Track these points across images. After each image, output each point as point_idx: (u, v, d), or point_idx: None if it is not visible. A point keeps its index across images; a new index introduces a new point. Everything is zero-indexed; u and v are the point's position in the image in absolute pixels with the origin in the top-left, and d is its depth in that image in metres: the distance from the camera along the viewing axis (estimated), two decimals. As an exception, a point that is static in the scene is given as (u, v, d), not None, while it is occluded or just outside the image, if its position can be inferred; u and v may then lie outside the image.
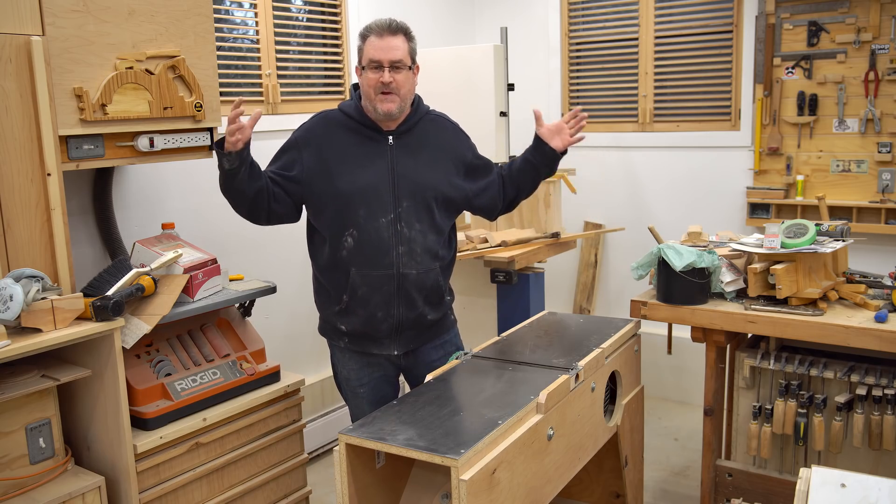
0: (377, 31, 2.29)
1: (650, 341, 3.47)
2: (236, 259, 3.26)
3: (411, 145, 2.38)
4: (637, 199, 4.27)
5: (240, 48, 3.40)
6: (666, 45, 4.12)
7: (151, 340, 2.50)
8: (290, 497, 2.79)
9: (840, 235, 2.64)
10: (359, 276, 2.34)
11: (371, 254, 2.32)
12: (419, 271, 2.36)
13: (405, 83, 2.30)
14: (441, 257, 2.43)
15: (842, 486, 1.63)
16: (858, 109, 3.58)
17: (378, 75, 2.27)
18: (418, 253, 2.35)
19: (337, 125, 2.39)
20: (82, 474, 2.25)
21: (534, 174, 2.51)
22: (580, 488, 2.82)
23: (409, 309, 2.38)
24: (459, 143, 2.49)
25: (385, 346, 2.42)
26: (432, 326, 2.48)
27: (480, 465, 1.71)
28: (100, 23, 2.26)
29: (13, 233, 2.11)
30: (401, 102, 2.30)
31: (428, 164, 2.38)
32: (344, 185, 2.32)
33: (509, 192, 2.55)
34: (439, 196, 2.38)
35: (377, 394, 2.50)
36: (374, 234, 2.31)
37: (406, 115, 2.39)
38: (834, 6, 3.58)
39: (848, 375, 2.44)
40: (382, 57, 2.26)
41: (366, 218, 2.31)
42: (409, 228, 2.33)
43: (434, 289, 2.42)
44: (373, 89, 2.28)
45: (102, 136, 2.31)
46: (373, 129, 2.36)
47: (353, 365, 2.50)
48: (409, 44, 2.32)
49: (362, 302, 2.36)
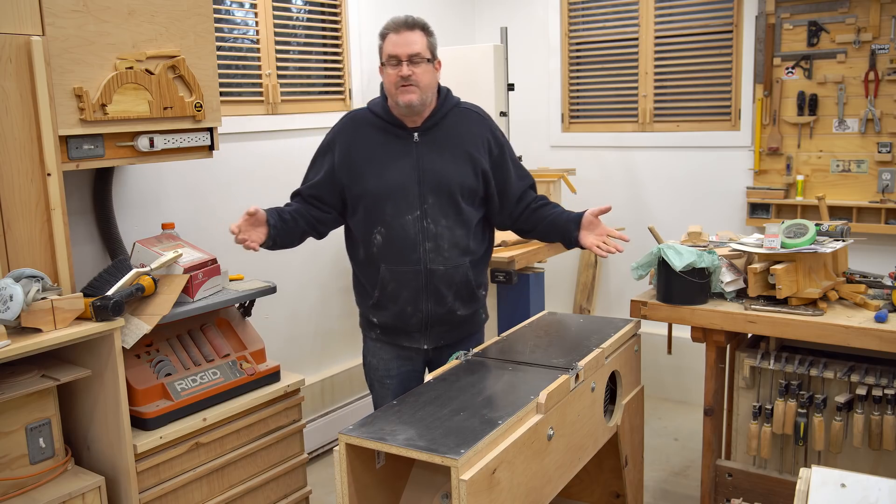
0: (394, 27, 2.34)
1: (650, 341, 3.47)
2: (236, 259, 3.26)
3: (437, 141, 2.41)
4: (637, 199, 4.27)
5: (240, 48, 3.40)
6: (666, 45, 4.12)
7: (151, 340, 2.50)
8: (290, 497, 2.79)
9: (840, 235, 2.64)
10: (388, 272, 2.40)
11: (399, 250, 2.38)
12: (447, 267, 2.40)
13: (424, 76, 2.34)
14: (471, 251, 2.45)
15: (842, 486, 1.63)
16: (858, 109, 3.58)
17: (397, 70, 2.32)
18: (445, 248, 2.39)
19: (365, 124, 2.45)
20: (82, 474, 2.25)
21: (553, 235, 2.53)
22: (580, 488, 2.82)
23: (438, 304, 2.42)
24: (488, 134, 2.47)
25: (415, 339, 2.49)
26: (463, 323, 2.52)
27: (480, 465, 1.71)
28: (100, 23, 2.26)
29: (13, 233, 2.11)
30: (421, 94, 2.33)
31: (453, 158, 2.40)
32: (371, 183, 2.38)
33: (524, 225, 2.55)
34: (465, 189, 2.40)
35: (404, 388, 2.53)
36: (400, 230, 2.37)
37: (431, 111, 2.41)
38: (834, 6, 3.58)
39: (848, 375, 2.44)
40: (400, 51, 2.31)
41: (392, 215, 2.37)
42: (436, 224, 2.38)
43: (464, 284, 2.45)
44: (393, 84, 2.33)
45: (102, 136, 2.31)
46: (399, 126, 2.41)
47: (383, 355, 2.55)
48: (427, 38, 2.36)
49: (392, 297, 2.43)
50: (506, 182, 2.49)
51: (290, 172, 3.52)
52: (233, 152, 3.24)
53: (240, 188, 3.31)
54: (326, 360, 3.81)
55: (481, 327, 2.62)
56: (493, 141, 2.48)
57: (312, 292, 3.69)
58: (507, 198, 2.50)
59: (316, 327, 3.73)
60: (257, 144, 3.39)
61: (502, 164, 2.48)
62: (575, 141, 4.47)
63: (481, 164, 2.43)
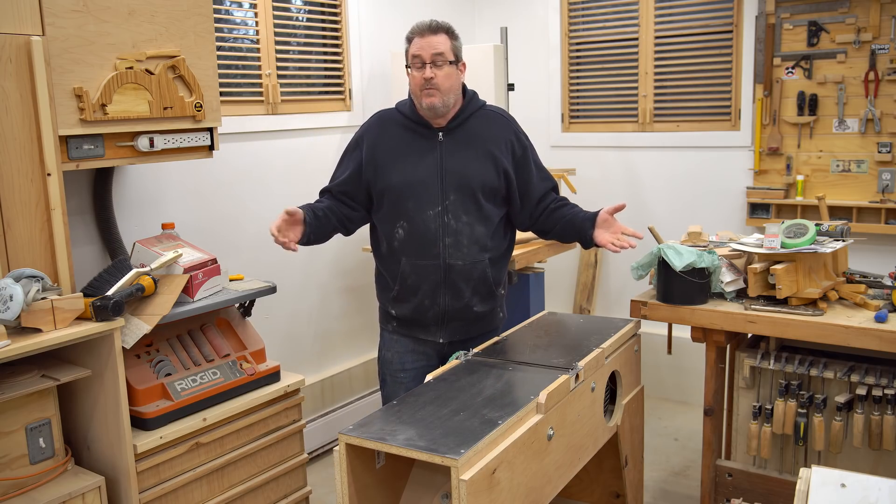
0: (419, 31, 2.41)
1: (650, 341, 3.48)
2: (236, 259, 3.26)
3: (461, 140, 2.45)
4: (637, 199, 4.27)
5: (240, 48, 3.40)
6: (666, 45, 4.12)
7: (151, 340, 2.50)
8: (290, 497, 2.79)
9: (840, 235, 2.64)
10: (408, 266, 2.46)
11: (419, 244, 2.43)
12: (465, 263, 2.44)
13: (447, 79, 2.39)
14: (491, 249, 2.49)
15: (842, 486, 1.63)
16: (858, 109, 3.58)
17: (421, 72, 2.38)
18: (465, 244, 2.43)
19: (392, 123, 2.52)
20: (82, 474, 2.25)
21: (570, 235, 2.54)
22: (580, 488, 2.82)
23: (455, 299, 2.46)
24: (511, 136, 2.50)
25: (432, 332, 2.53)
26: (480, 319, 2.55)
27: (480, 465, 1.71)
28: (100, 23, 2.26)
29: (13, 233, 2.11)
30: (442, 97, 2.38)
31: (476, 157, 2.44)
32: (395, 179, 2.45)
33: (542, 226, 2.57)
34: (486, 187, 2.44)
35: (416, 383, 2.54)
36: (421, 225, 2.42)
37: (456, 112, 2.46)
38: (834, 6, 3.58)
39: (848, 375, 2.44)
40: (423, 53, 2.38)
41: (414, 210, 2.43)
42: (457, 220, 2.42)
43: (482, 280, 2.48)
44: (418, 87, 2.39)
45: (102, 136, 2.31)
46: (425, 126, 2.47)
47: (398, 349, 2.59)
48: (451, 41, 2.42)
49: (412, 289, 2.48)
50: (528, 183, 2.52)
51: (290, 172, 3.52)
52: (233, 152, 3.24)
53: (240, 188, 3.31)
54: (326, 360, 3.81)
55: (498, 326, 2.65)
56: (517, 143, 2.51)
57: (312, 292, 3.69)
58: (528, 199, 2.53)
59: (316, 327, 3.73)
60: (257, 144, 3.39)
61: (525, 165, 2.51)
62: (575, 141, 4.47)
63: (503, 164, 2.46)
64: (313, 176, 3.59)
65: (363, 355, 3.96)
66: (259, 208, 3.37)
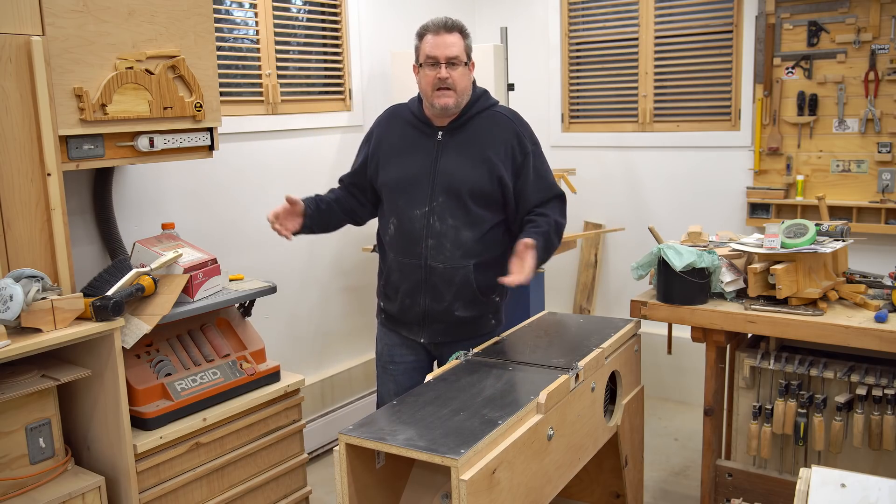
0: (434, 29, 2.38)
1: (650, 341, 3.48)
2: (236, 259, 3.26)
3: (459, 142, 2.44)
4: (637, 199, 4.27)
5: (240, 48, 3.40)
6: (666, 45, 4.12)
7: (151, 340, 2.50)
8: (290, 497, 2.79)
9: (840, 235, 2.64)
10: (395, 263, 2.49)
11: (405, 243, 2.44)
12: (447, 266, 2.41)
13: (461, 79, 2.38)
14: (478, 254, 2.41)
15: (842, 486, 1.63)
16: (858, 109, 3.58)
17: (435, 72, 2.36)
18: (447, 248, 2.40)
19: (400, 119, 2.53)
20: (82, 474, 2.25)
21: None
22: (580, 488, 2.82)
23: (436, 301, 2.45)
24: (513, 140, 2.42)
25: (414, 331, 2.53)
26: (464, 324, 2.49)
27: (480, 465, 1.71)
28: (100, 23, 2.26)
29: (13, 233, 2.11)
30: (457, 97, 2.38)
31: (470, 161, 2.41)
32: (391, 174, 2.47)
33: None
34: (476, 192, 2.39)
35: (406, 377, 2.57)
36: (408, 224, 2.43)
37: (460, 111, 2.45)
38: (834, 6, 3.58)
39: (848, 375, 2.44)
40: (439, 53, 2.35)
41: (404, 208, 2.44)
42: (442, 223, 2.40)
43: (464, 285, 2.42)
44: (430, 86, 2.38)
45: (102, 136, 2.31)
46: (427, 124, 2.47)
47: (387, 341, 2.61)
48: (464, 41, 2.41)
49: (394, 286, 2.51)
50: (522, 191, 2.43)
51: (290, 172, 3.52)
52: (233, 152, 3.24)
53: (240, 188, 3.31)
54: (326, 360, 3.81)
55: (491, 332, 2.56)
56: (518, 147, 2.42)
57: (312, 292, 3.69)
58: (520, 207, 2.45)
59: (316, 327, 3.73)
60: (257, 144, 3.39)
61: (522, 173, 2.43)
62: (575, 141, 4.47)
63: (499, 170, 2.39)
64: (313, 176, 3.59)
65: (363, 355, 3.95)
66: (259, 208, 3.36)
